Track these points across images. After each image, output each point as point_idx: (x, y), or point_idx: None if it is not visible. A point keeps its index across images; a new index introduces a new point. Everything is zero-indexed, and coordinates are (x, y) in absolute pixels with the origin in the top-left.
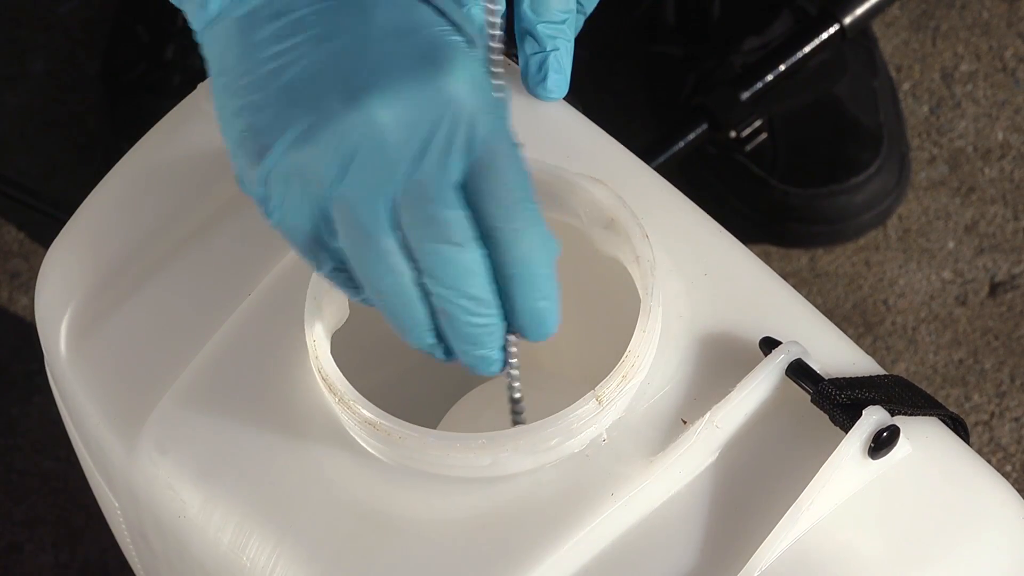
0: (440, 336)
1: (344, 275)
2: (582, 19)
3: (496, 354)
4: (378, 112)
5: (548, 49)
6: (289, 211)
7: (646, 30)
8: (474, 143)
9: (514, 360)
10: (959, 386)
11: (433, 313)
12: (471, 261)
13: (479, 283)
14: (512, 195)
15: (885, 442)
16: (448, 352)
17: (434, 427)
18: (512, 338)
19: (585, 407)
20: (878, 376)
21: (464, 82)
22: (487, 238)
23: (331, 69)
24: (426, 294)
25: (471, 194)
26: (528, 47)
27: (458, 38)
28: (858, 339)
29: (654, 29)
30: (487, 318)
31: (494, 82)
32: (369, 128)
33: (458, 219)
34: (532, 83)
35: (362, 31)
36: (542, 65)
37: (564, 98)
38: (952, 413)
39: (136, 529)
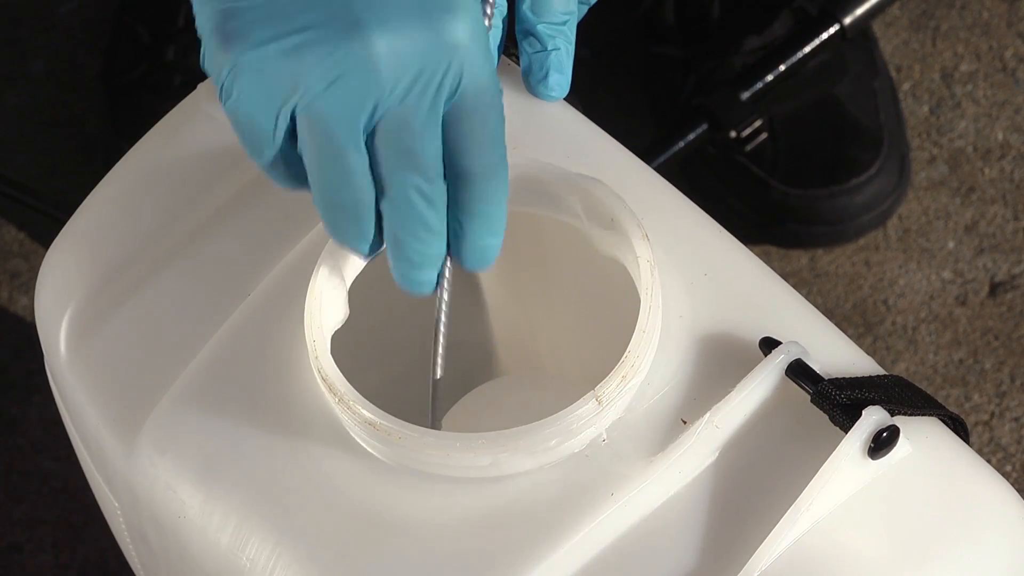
0: (374, 247)
1: (282, 170)
2: (585, 8)
3: (432, 278)
4: (377, 42)
5: (549, 48)
6: (250, 104)
7: (646, 30)
8: (464, 86)
9: (447, 289)
10: (959, 386)
11: (379, 229)
12: (435, 194)
13: (436, 216)
14: (490, 138)
15: (885, 442)
16: (372, 252)
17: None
18: (449, 265)
19: (585, 407)
20: (878, 376)
21: (465, 28)
22: (455, 175)
23: None
24: (379, 213)
25: (450, 132)
26: (529, 47)
27: None
28: (858, 339)
29: (654, 29)
30: (435, 248)
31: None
32: (365, 54)
33: (434, 155)
34: (533, 82)
35: None
36: (543, 64)
37: (564, 98)
38: (952, 413)
39: (136, 529)
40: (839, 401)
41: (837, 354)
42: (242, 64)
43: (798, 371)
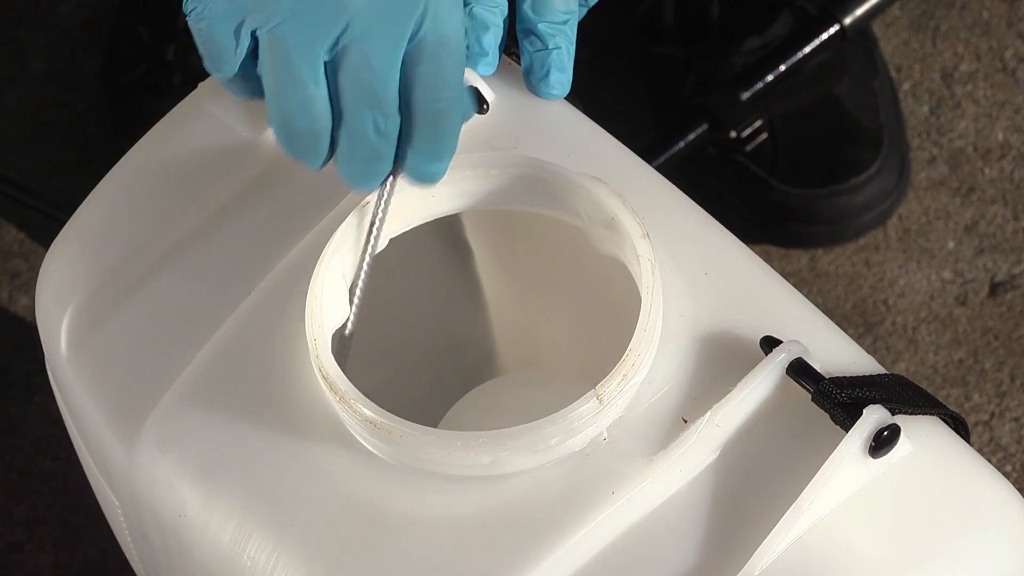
0: (324, 162)
1: (240, 85)
2: (584, 10)
3: (374, 184)
4: None
5: (550, 47)
6: (214, 19)
7: (646, 31)
8: (427, 31)
9: (384, 198)
10: (959, 386)
11: (332, 145)
12: (389, 127)
13: (387, 145)
14: (445, 82)
15: (886, 441)
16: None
17: (434, 426)
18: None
19: (586, 406)
20: (879, 375)
21: None
22: (408, 111)
23: None
24: (334, 133)
25: (408, 72)
26: (530, 45)
27: None
28: (858, 339)
29: (654, 29)
30: (382, 168)
31: None
32: None
33: (392, 92)
34: (534, 81)
35: None
36: (544, 63)
37: (565, 98)
38: (953, 412)
39: (136, 528)
40: (840, 400)
41: (838, 353)
42: None
43: (799, 370)
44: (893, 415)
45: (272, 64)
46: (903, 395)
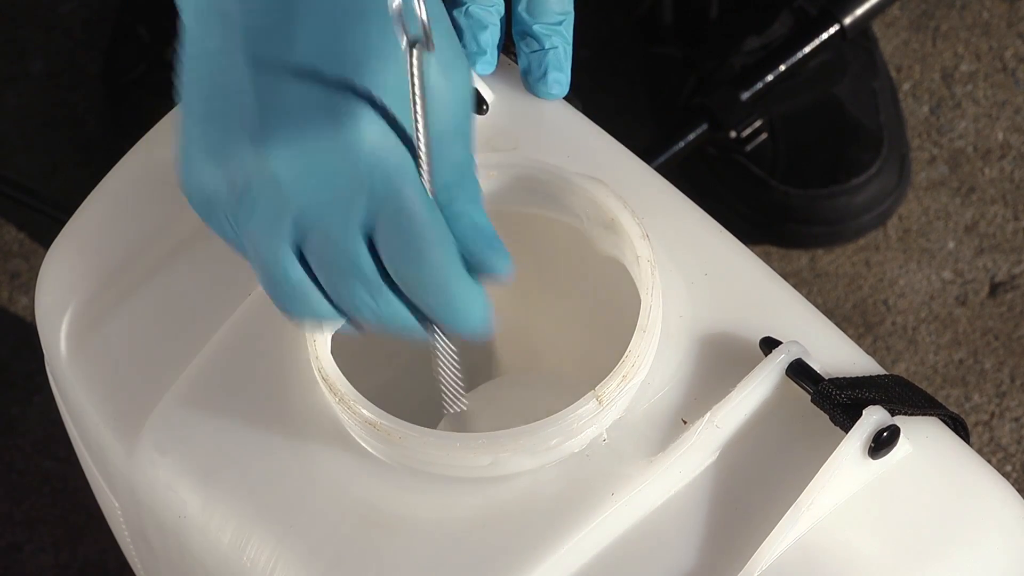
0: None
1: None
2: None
3: (422, 335)
4: (274, 155)
5: (547, 48)
6: (200, 212)
7: (646, 31)
8: (380, 200)
9: (442, 343)
10: (959, 386)
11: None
12: (382, 303)
13: (398, 315)
14: (418, 253)
15: (885, 442)
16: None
17: (434, 427)
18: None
19: (585, 407)
20: (878, 376)
21: (369, 134)
22: (399, 281)
23: (243, 96)
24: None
25: (379, 245)
26: (527, 46)
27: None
28: (858, 339)
29: (654, 30)
30: (413, 327)
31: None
32: (263, 170)
33: (369, 267)
34: (532, 81)
35: (283, 60)
36: (541, 63)
37: (564, 98)
38: (952, 413)
39: (136, 529)
40: (839, 401)
41: (837, 354)
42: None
43: (798, 371)
44: (893, 416)
45: (248, 252)
46: (903, 396)
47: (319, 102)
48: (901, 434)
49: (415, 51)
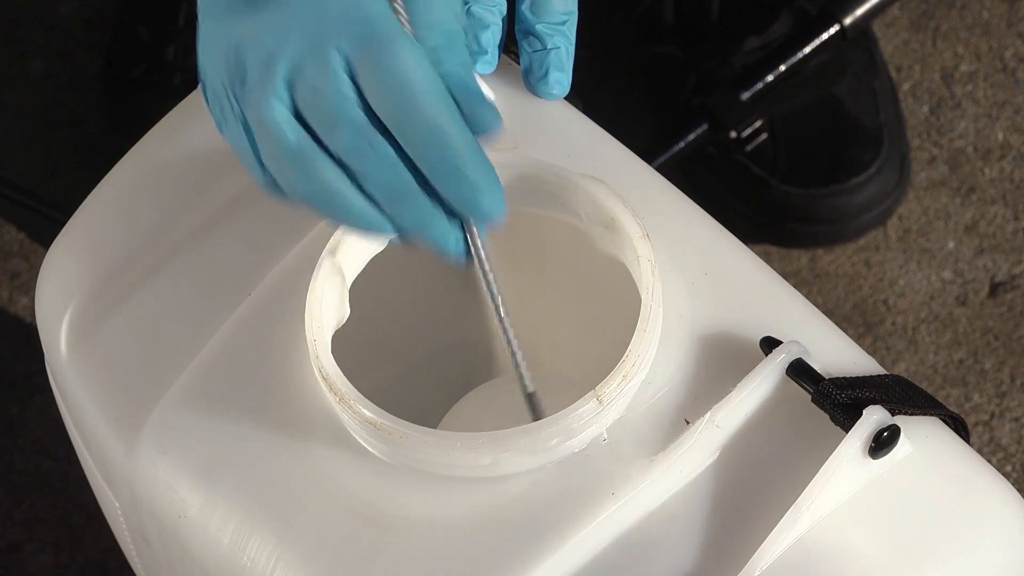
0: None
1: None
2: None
3: (452, 248)
4: (258, 19)
5: (549, 47)
6: (211, 97)
7: (646, 30)
8: (353, 35)
9: (479, 245)
10: (959, 386)
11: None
12: (380, 153)
13: (397, 174)
14: (397, 88)
15: (886, 442)
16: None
17: (434, 427)
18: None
19: (586, 407)
20: (878, 376)
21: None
22: (398, 136)
23: None
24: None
25: (364, 89)
26: (529, 46)
27: None
28: (858, 339)
29: (654, 29)
30: (431, 214)
31: None
32: (252, 34)
33: (356, 113)
34: (534, 81)
35: None
36: (543, 63)
37: (564, 98)
38: (953, 413)
39: (136, 529)
40: (840, 400)
41: (838, 353)
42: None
43: (799, 370)
44: (893, 416)
45: (261, 140)
46: (903, 396)
47: None
48: (901, 434)
49: None
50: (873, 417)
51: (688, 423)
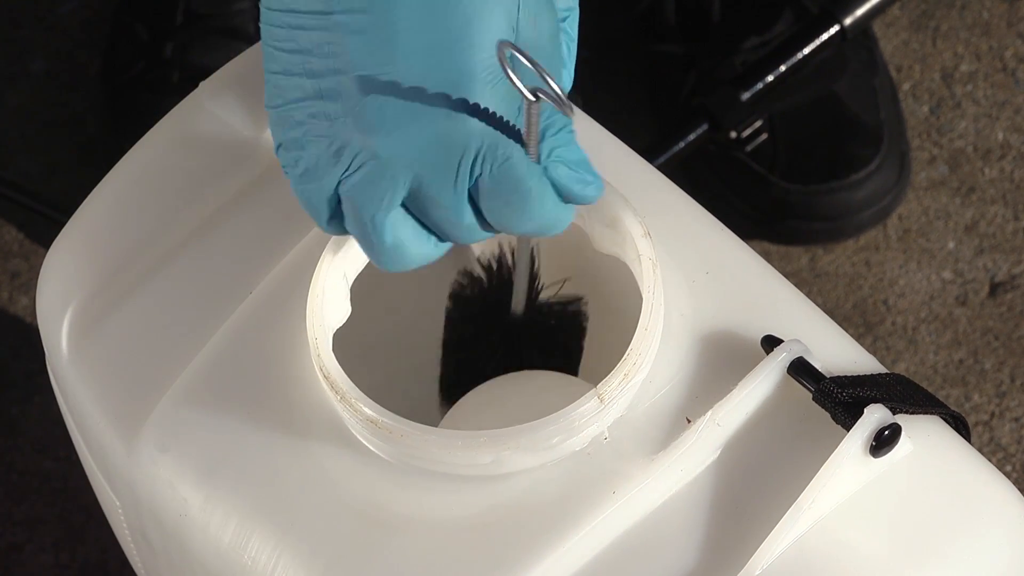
0: None
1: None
2: None
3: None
4: (387, 141)
5: None
6: (300, 184)
7: (646, 29)
8: (483, 168)
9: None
10: (959, 386)
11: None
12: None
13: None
14: (515, 213)
15: (887, 440)
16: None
17: (435, 425)
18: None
19: (587, 405)
20: (880, 374)
21: (474, 119)
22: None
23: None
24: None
25: (481, 201)
26: None
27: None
28: (858, 339)
29: (654, 28)
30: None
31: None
32: (372, 150)
33: (469, 219)
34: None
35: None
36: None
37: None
38: (954, 412)
39: (137, 528)
40: (841, 399)
41: (839, 352)
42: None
43: (800, 369)
44: (894, 414)
45: (351, 218)
46: (904, 394)
47: (426, 101)
48: (902, 433)
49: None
50: (874, 416)
51: (689, 422)
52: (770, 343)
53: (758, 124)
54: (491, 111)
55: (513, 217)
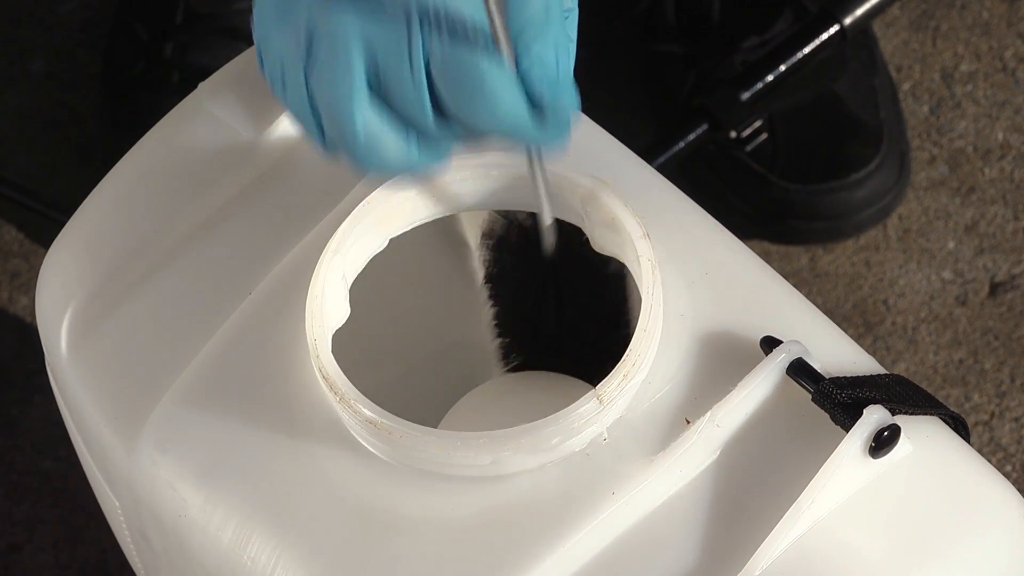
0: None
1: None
2: None
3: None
4: (335, 10)
5: None
6: (271, 74)
7: (646, 29)
8: (437, 39)
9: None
10: (959, 386)
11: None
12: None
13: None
14: (469, 97)
15: (886, 441)
16: None
17: (434, 427)
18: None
19: (586, 406)
20: (879, 375)
21: None
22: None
23: None
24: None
25: (439, 89)
26: None
27: None
28: (858, 339)
29: (654, 28)
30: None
31: None
32: (327, 28)
33: (430, 115)
34: None
35: None
36: None
37: None
38: (953, 412)
39: (137, 528)
40: (840, 400)
41: (838, 353)
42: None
43: (799, 370)
44: (893, 415)
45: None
46: (903, 395)
47: None
48: (902, 433)
49: None
50: (873, 416)
51: (688, 422)
52: (769, 344)
53: (758, 124)
54: None
55: (468, 103)
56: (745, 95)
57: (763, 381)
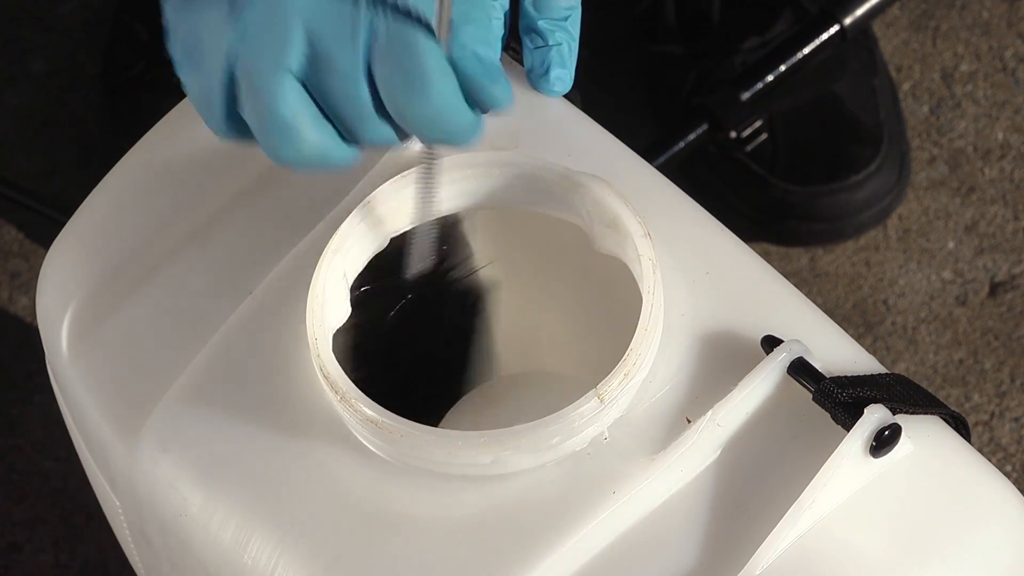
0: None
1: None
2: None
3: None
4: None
5: (551, 44)
6: (182, 49)
7: (646, 29)
8: (381, 23)
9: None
10: (959, 386)
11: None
12: (378, 130)
13: (388, 137)
14: (411, 81)
15: (887, 441)
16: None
17: (436, 425)
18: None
19: (587, 405)
20: (880, 375)
21: None
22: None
23: None
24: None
25: (376, 73)
26: (531, 42)
27: None
28: (858, 339)
29: (654, 28)
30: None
31: None
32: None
33: (365, 95)
34: (535, 78)
35: None
36: (544, 60)
37: (564, 96)
38: (954, 412)
39: (137, 528)
40: (841, 399)
41: (839, 352)
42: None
43: (800, 369)
44: (894, 415)
45: (247, 94)
46: (904, 395)
47: None
48: (902, 433)
49: None
50: (874, 416)
51: (689, 422)
52: (770, 343)
53: (758, 124)
54: None
55: (405, 92)
56: (745, 95)
57: (764, 380)
